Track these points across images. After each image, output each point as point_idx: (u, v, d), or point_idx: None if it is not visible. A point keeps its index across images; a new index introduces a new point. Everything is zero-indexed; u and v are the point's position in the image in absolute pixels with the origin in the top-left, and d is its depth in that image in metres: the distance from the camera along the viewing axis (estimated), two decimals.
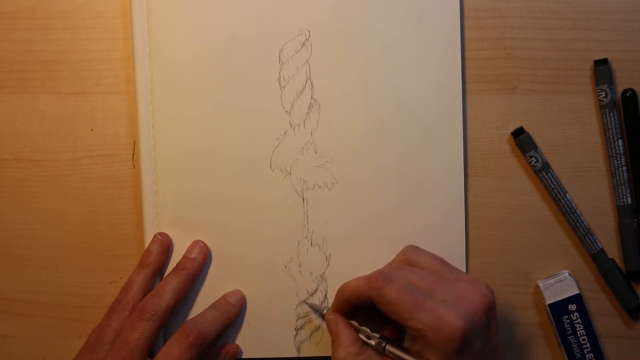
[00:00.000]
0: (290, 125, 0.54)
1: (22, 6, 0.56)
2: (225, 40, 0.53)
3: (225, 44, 0.53)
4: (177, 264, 0.53)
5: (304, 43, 0.53)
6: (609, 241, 0.54)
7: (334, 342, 0.49)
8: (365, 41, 0.53)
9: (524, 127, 0.53)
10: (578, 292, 0.53)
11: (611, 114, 0.53)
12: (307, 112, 0.54)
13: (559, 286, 0.53)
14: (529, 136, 0.53)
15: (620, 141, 0.53)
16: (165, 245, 0.54)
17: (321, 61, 0.53)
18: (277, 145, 0.54)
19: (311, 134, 0.54)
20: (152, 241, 0.54)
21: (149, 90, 0.53)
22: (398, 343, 0.48)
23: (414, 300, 0.46)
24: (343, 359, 0.48)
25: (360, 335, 0.49)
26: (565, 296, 0.53)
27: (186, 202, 0.54)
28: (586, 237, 0.53)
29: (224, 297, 0.54)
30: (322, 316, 0.52)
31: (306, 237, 0.54)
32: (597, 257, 0.54)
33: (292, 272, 0.54)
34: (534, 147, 0.53)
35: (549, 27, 0.54)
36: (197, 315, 0.52)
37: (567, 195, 0.53)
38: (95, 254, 0.56)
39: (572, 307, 0.53)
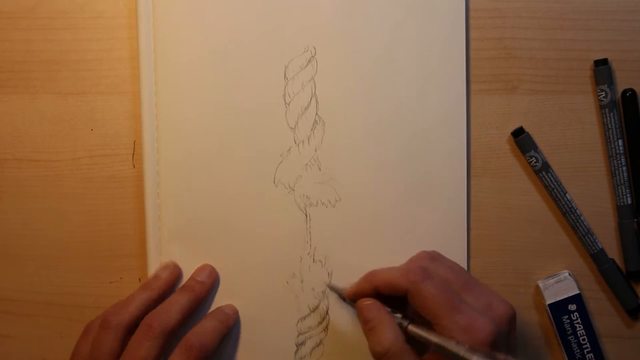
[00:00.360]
0: (295, 142, 0.54)
1: (22, 6, 0.56)
2: (230, 57, 0.53)
3: (230, 60, 0.53)
4: (185, 285, 0.53)
5: (309, 60, 0.53)
6: (609, 241, 0.54)
7: (373, 330, 0.47)
8: (372, 58, 0.53)
9: (524, 127, 0.53)
10: (578, 292, 0.53)
11: (611, 114, 0.53)
12: (312, 129, 0.54)
13: (559, 286, 0.53)
14: (529, 136, 0.53)
15: (620, 141, 0.53)
16: (174, 276, 0.53)
17: (326, 78, 0.53)
18: (281, 162, 0.54)
19: (315, 150, 0.54)
20: (162, 267, 0.53)
21: (154, 106, 0.53)
22: (419, 323, 0.47)
23: (450, 300, 0.46)
24: (393, 342, 0.46)
25: None
26: (565, 296, 0.53)
27: (188, 217, 0.54)
28: (586, 237, 0.53)
29: (219, 308, 0.53)
30: (342, 297, 0.51)
31: (308, 254, 0.54)
32: (597, 257, 0.54)
33: (293, 288, 0.54)
34: (534, 147, 0.53)
35: (549, 27, 0.54)
36: (196, 327, 0.51)
37: (567, 195, 0.53)
38: (95, 254, 0.56)
39: (572, 307, 0.53)
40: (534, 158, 0.53)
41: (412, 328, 0.47)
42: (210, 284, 0.53)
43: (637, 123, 0.53)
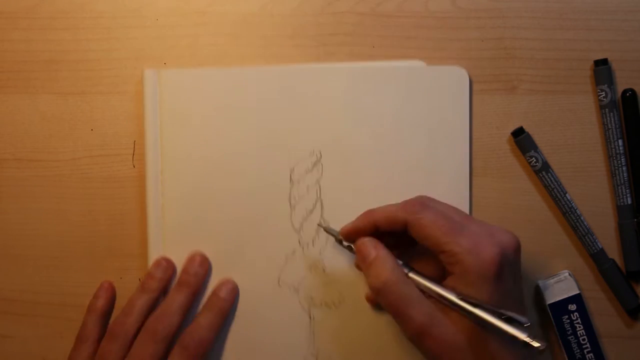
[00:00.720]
0: (300, 244, 0.54)
1: (22, 6, 0.56)
2: (236, 160, 0.54)
3: (236, 163, 0.54)
4: (181, 281, 0.53)
5: (315, 164, 0.54)
6: (609, 241, 0.54)
7: (371, 265, 0.47)
8: (378, 163, 0.53)
9: (524, 127, 0.53)
10: (578, 292, 0.53)
11: (611, 114, 0.53)
12: (317, 231, 0.54)
13: (559, 286, 0.53)
14: (529, 136, 0.53)
15: (620, 141, 0.53)
16: (169, 272, 0.53)
17: (332, 182, 0.54)
18: (286, 263, 0.54)
19: (320, 253, 0.54)
20: (155, 265, 0.53)
21: (161, 207, 0.54)
22: (420, 272, 0.47)
23: (451, 225, 0.45)
24: (388, 277, 0.46)
25: None
26: (565, 296, 0.53)
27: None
28: (586, 237, 0.53)
29: (214, 292, 0.53)
30: (339, 240, 0.51)
31: (312, 354, 0.54)
32: (597, 257, 0.54)
33: None
34: (534, 147, 0.53)
35: (549, 27, 0.54)
36: (192, 323, 0.52)
37: (567, 195, 0.53)
38: (95, 254, 0.56)
39: (572, 307, 0.53)
40: (534, 158, 0.53)
41: (412, 276, 0.47)
42: (203, 273, 0.53)
43: (637, 123, 0.53)
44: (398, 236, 0.49)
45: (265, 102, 0.54)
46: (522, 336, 0.43)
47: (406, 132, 0.53)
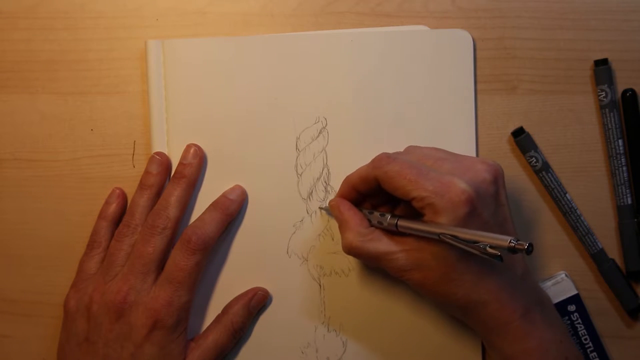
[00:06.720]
0: (307, 212, 0.54)
1: (22, 6, 0.56)
2: (242, 129, 0.54)
3: (242, 132, 0.54)
4: (175, 172, 0.53)
5: (320, 131, 0.54)
6: (609, 241, 0.54)
7: (340, 227, 0.50)
8: (383, 129, 0.53)
9: (524, 127, 0.53)
10: (576, 292, 0.53)
11: (611, 114, 0.53)
12: (324, 199, 0.54)
13: (557, 288, 0.53)
14: (529, 136, 0.53)
15: (620, 141, 0.53)
16: (165, 165, 0.54)
17: (338, 149, 0.54)
18: (294, 232, 0.54)
19: (328, 220, 0.54)
20: (150, 161, 0.54)
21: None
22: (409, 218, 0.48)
23: (417, 171, 0.46)
24: (350, 242, 0.48)
25: (372, 220, 0.49)
26: (564, 297, 0.53)
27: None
28: (586, 237, 0.53)
29: (223, 194, 0.54)
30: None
31: (323, 323, 0.54)
32: (597, 257, 0.53)
33: (309, 357, 0.54)
34: (534, 147, 0.53)
35: (549, 27, 0.54)
36: (195, 220, 0.52)
37: (567, 195, 0.53)
38: None
39: (572, 307, 0.53)
40: (534, 158, 0.53)
41: (402, 223, 0.47)
42: (198, 163, 0.53)
43: (637, 123, 0.53)
44: (387, 193, 0.49)
45: (268, 70, 0.54)
46: (505, 242, 0.42)
47: (411, 97, 0.53)
